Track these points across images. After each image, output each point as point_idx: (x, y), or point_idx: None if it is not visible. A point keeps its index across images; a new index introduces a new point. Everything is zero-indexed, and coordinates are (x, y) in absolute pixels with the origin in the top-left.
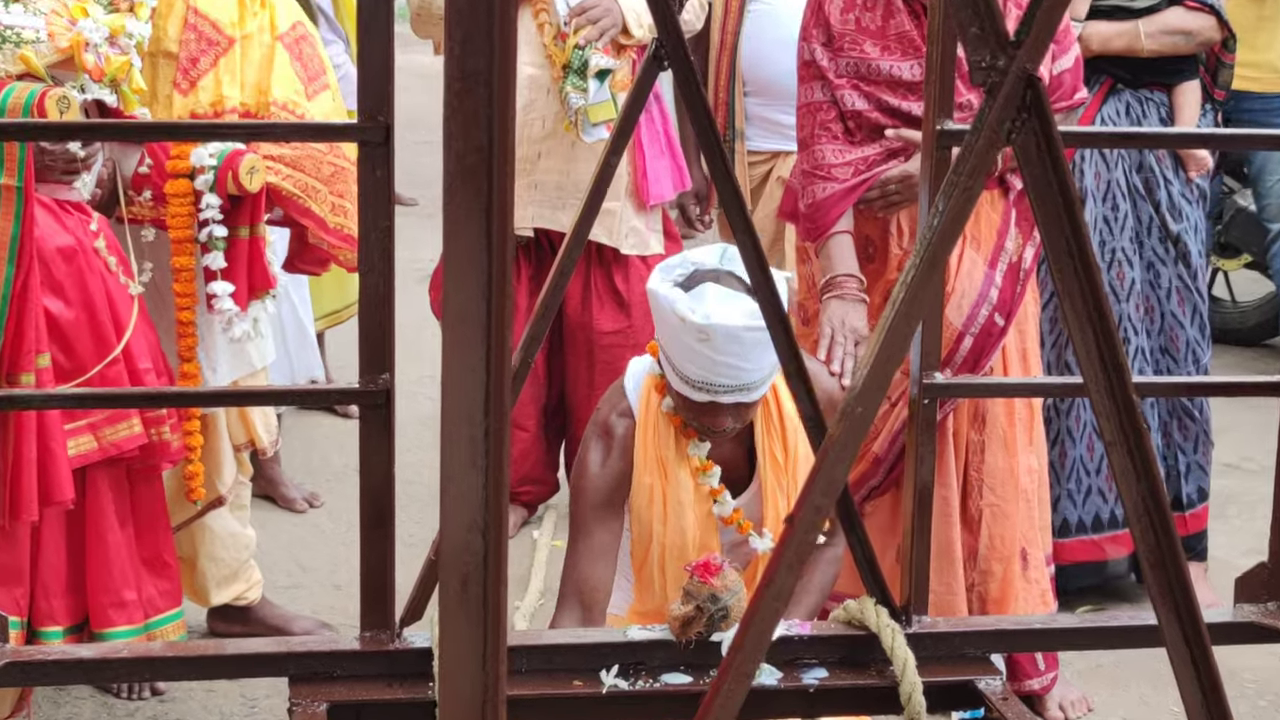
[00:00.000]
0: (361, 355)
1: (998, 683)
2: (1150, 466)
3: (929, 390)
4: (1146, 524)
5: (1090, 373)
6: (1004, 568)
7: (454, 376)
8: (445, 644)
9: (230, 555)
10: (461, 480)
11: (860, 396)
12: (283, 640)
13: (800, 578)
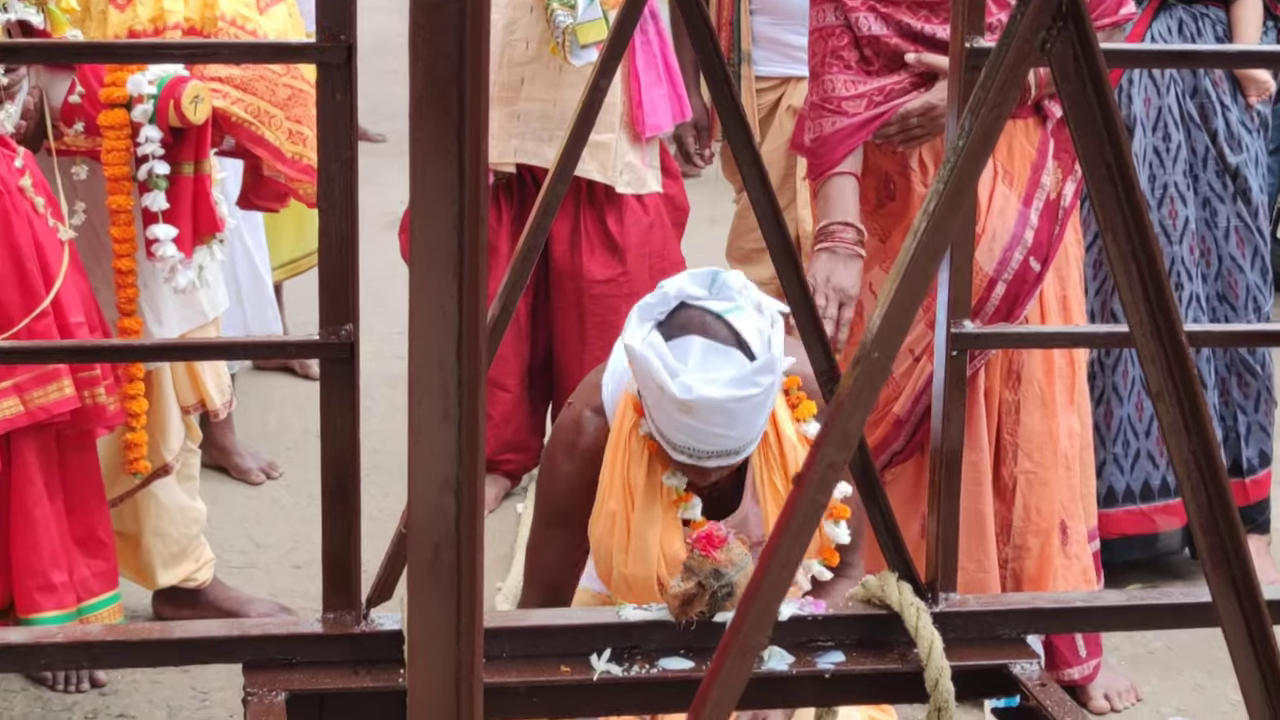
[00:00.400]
0: (322, 304)
1: (1035, 667)
2: (1202, 420)
3: (958, 340)
4: (1198, 485)
5: (1135, 314)
6: (1041, 542)
7: (423, 318)
8: (414, 616)
9: (178, 531)
10: (432, 434)
11: (878, 339)
12: (236, 623)
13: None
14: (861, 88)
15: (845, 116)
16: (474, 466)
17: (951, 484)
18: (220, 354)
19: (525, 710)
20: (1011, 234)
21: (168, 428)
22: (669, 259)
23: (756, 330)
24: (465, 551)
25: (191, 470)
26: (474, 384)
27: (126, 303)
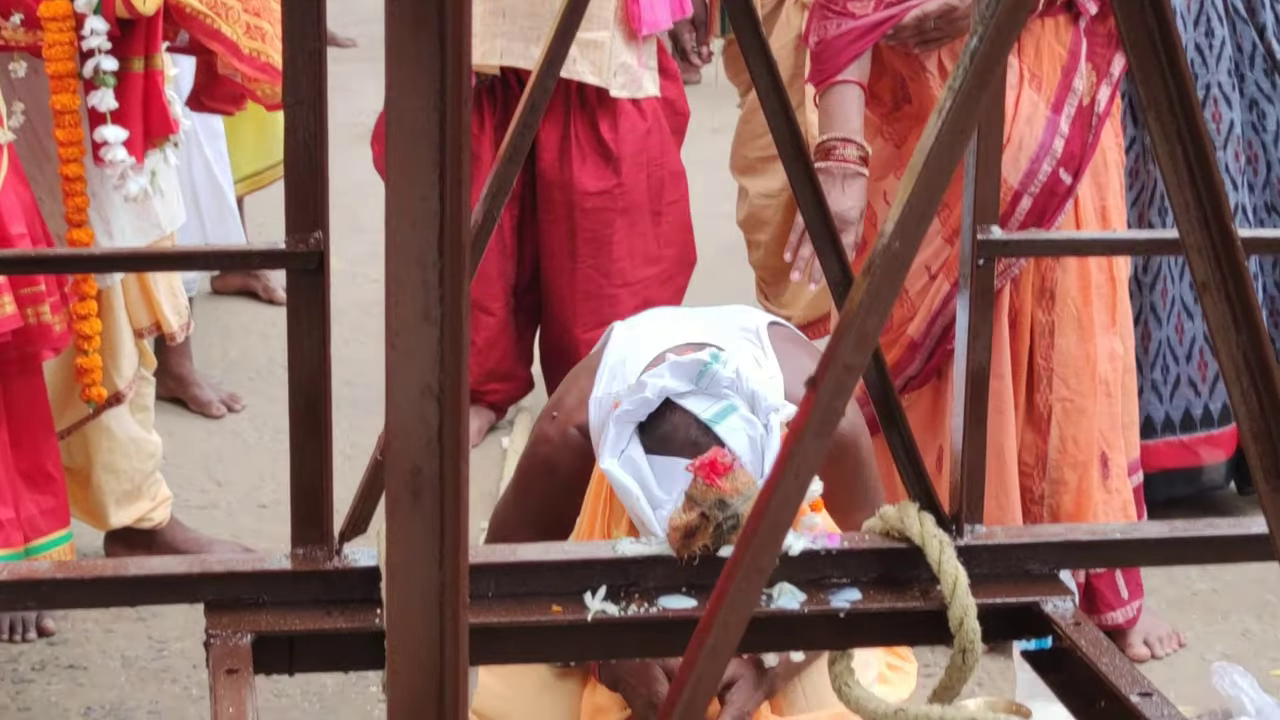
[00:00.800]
0: (288, 209)
1: (1068, 605)
2: (1252, 315)
3: (985, 248)
4: (1248, 388)
5: (1180, 199)
6: (1079, 476)
7: (401, 209)
8: (394, 540)
9: (132, 466)
10: (411, 335)
11: (898, 230)
12: (198, 559)
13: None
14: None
15: (851, 19)
16: (457, 371)
17: (978, 406)
18: (177, 264)
19: (513, 653)
20: (1039, 143)
21: (120, 352)
22: (667, 168)
23: (748, 441)
24: (448, 465)
25: (145, 401)
26: (457, 280)
27: (75, 212)
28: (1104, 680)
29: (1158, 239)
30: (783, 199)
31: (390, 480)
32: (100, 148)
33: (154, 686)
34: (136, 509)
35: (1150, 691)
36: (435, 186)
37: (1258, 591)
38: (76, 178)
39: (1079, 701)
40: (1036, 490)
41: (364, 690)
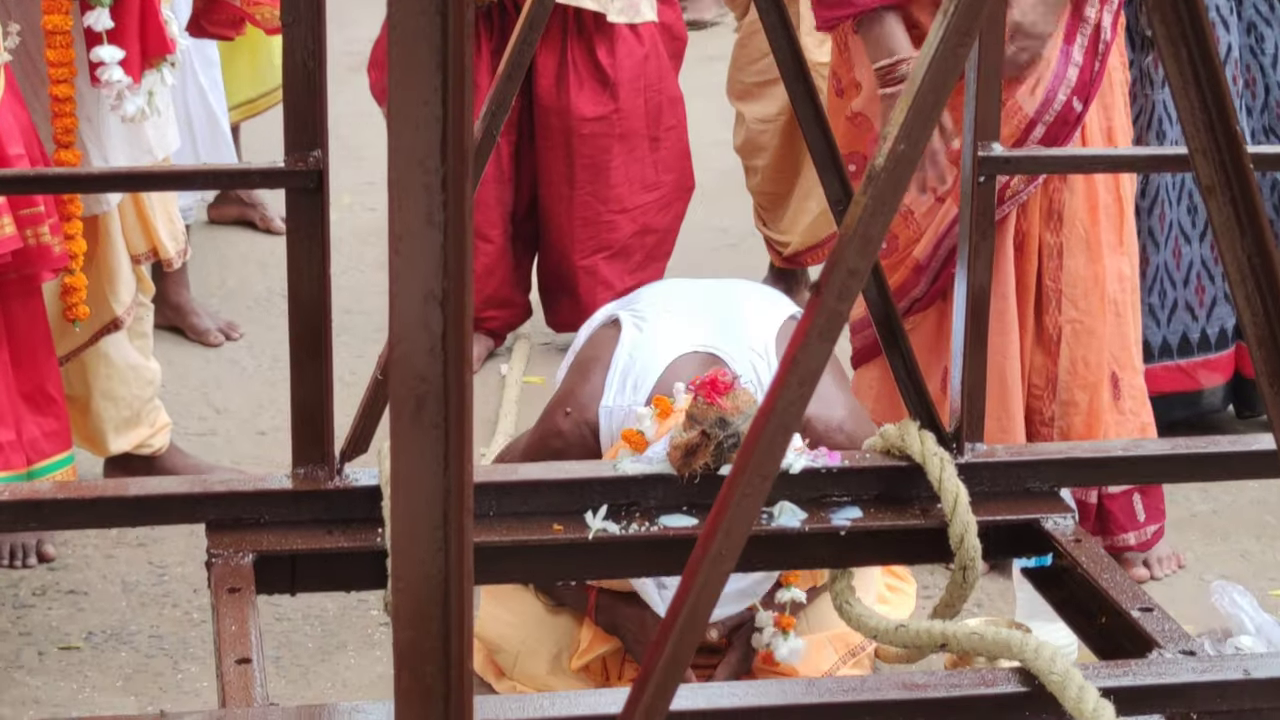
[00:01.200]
0: (287, 129)
1: (1069, 522)
2: (1257, 218)
3: (986, 165)
4: (1253, 292)
5: (1184, 101)
6: (1089, 397)
7: (404, 113)
8: (398, 452)
9: (131, 393)
10: (414, 241)
11: (904, 131)
12: (198, 480)
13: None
14: None
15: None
16: (461, 276)
17: (979, 326)
18: (175, 184)
19: (515, 572)
20: (1054, 73)
21: (117, 278)
22: (665, 94)
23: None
24: (452, 371)
25: (144, 327)
26: (460, 185)
27: (64, 133)
28: (1104, 596)
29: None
30: (779, 124)
31: (394, 388)
32: (96, 68)
33: (154, 611)
34: (135, 435)
35: (1151, 606)
36: (438, 91)
37: (1257, 513)
38: (66, 99)
39: (1079, 618)
40: (1047, 413)
41: (365, 614)
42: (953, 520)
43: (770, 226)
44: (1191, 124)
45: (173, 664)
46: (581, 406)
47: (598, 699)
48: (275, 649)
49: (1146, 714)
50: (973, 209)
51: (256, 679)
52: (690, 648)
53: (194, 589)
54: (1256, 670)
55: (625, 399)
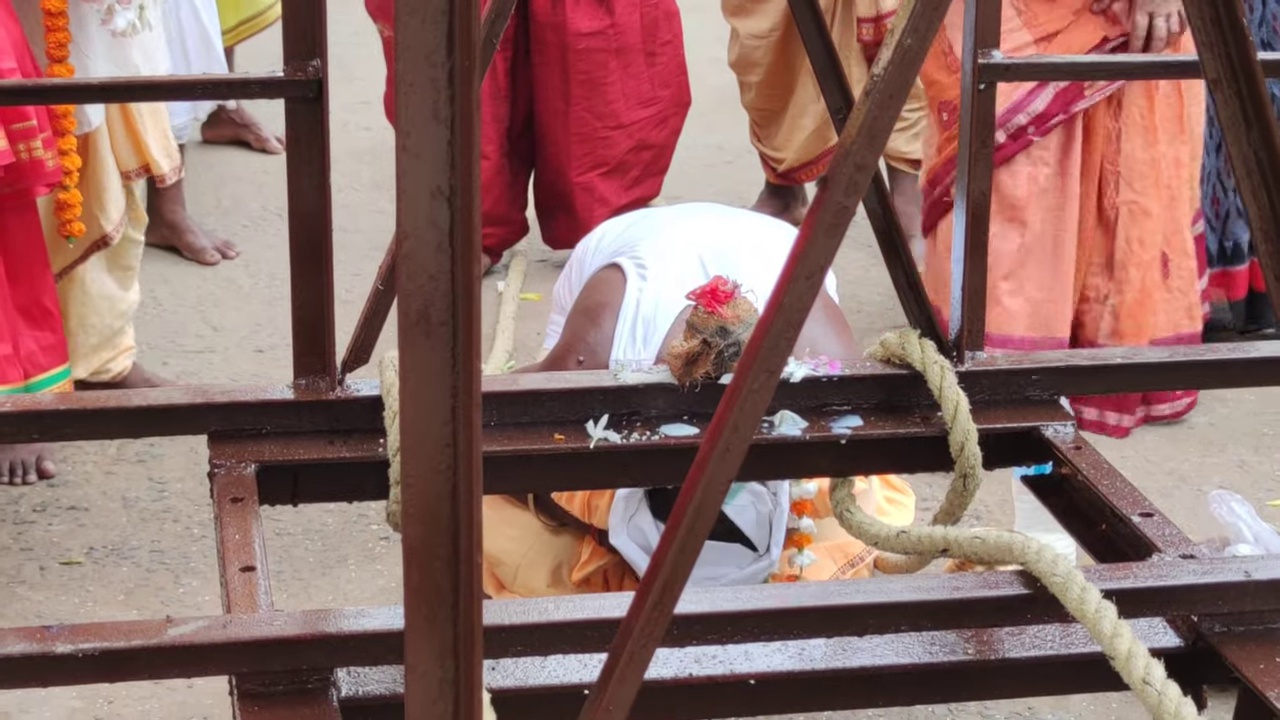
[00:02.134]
0: (286, 38)
1: (1069, 429)
2: (1264, 110)
3: (986, 73)
4: (1259, 186)
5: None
6: (1141, 275)
7: (411, 5)
8: (407, 348)
9: (103, 322)
10: (421, 136)
11: (910, 25)
12: (200, 390)
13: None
14: None
15: None
16: (468, 172)
17: (979, 233)
18: (172, 94)
19: (516, 482)
20: None
21: (106, 194)
22: (661, 8)
23: (755, 517)
24: (460, 269)
25: (129, 260)
26: (467, 80)
27: (57, 48)
28: (1105, 502)
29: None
30: (772, 40)
31: (401, 285)
32: None
33: (155, 526)
34: (96, 360)
35: (1151, 512)
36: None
37: (1254, 424)
38: (59, 12)
39: (1080, 525)
40: (1103, 289)
41: (365, 528)
42: (953, 428)
43: (765, 143)
44: (1198, 18)
45: (174, 578)
46: (593, 354)
47: (603, 602)
48: (276, 563)
49: (1147, 616)
50: (972, 116)
51: (261, 585)
52: (696, 548)
53: (194, 504)
54: (1257, 572)
55: (635, 352)
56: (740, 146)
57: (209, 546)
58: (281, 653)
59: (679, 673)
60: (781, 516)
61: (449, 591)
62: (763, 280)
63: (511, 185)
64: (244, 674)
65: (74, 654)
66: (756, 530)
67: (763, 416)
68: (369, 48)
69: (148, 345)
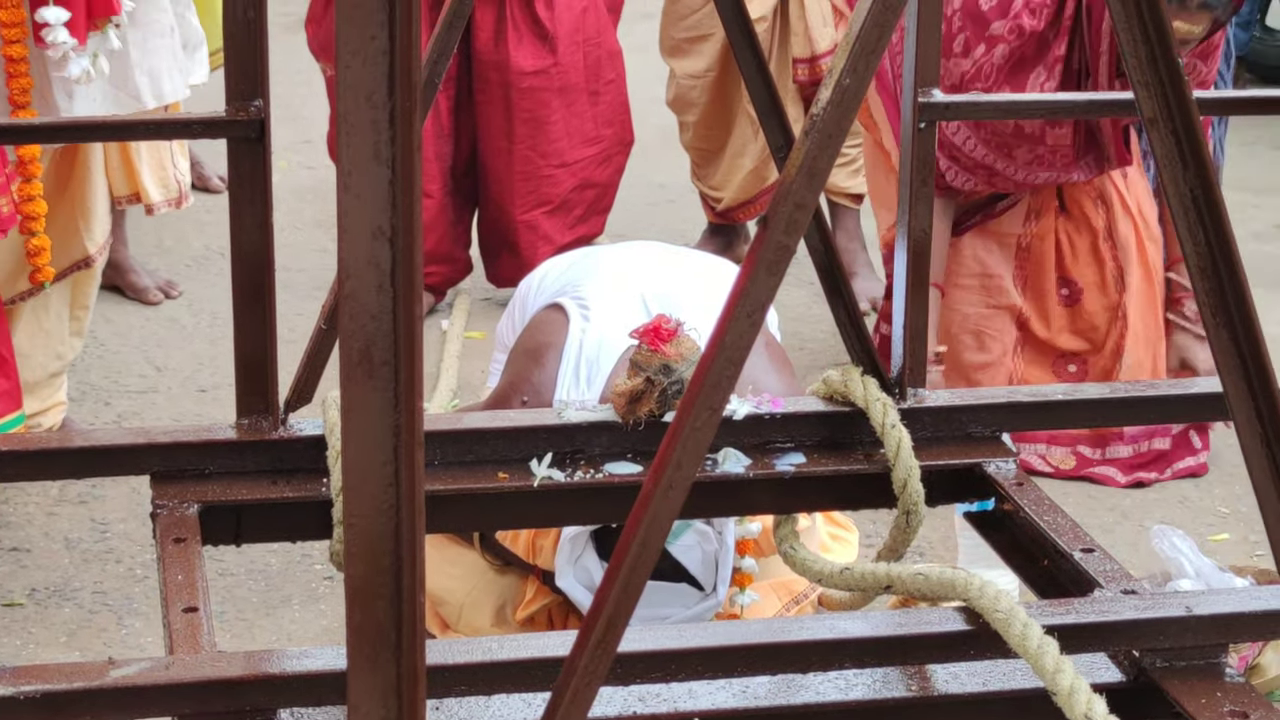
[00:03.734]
0: (229, 79)
1: (1010, 466)
2: (1199, 150)
3: (926, 111)
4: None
5: (1128, 35)
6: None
7: (351, 48)
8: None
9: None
10: (363, 177)
11: (849, 66)
12: (143, 431)
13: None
14: None
15: None
16: (410, 213)
17: (920, 270)
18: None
19: (460, 521)
20: None
21: (92, 215)
22: (604, 47)
23: (701, 556)
24: (402, 309)
25: (87, 300)
26: (408, 121)
27: (20, 94)
28: (1047, 538)
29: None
30: (709, 80)
31: (343, 325)
32: (41, 29)
33: (98, 567)
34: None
35: (1093, 548)
36: (385, 26)
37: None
38: (20, 59)
39: (1022, 560)
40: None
41: (309, 568)
42: (895, 465)
43: (704, 182)
44: (1135, 56)
45: (117, 619)
46: (537, 393)
47: (546, 641)
48: (219, 604)
49: (1090, 651)
50: (913, 155)
51: (204, 626)
52: (639, 585)
53: (136, 545)
54: (1198, 607)
55: (579, 392)
56: (683, 185)
57: (152, 587)
58: (224, 694)
59: (623, 711)
60: (727, 556)
61: (391, 631)
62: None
63: (455, 223)
64: (187, 715)
65: (14, 696)
66: (703, 570)
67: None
68: (312, 87)
69: (90, 386)
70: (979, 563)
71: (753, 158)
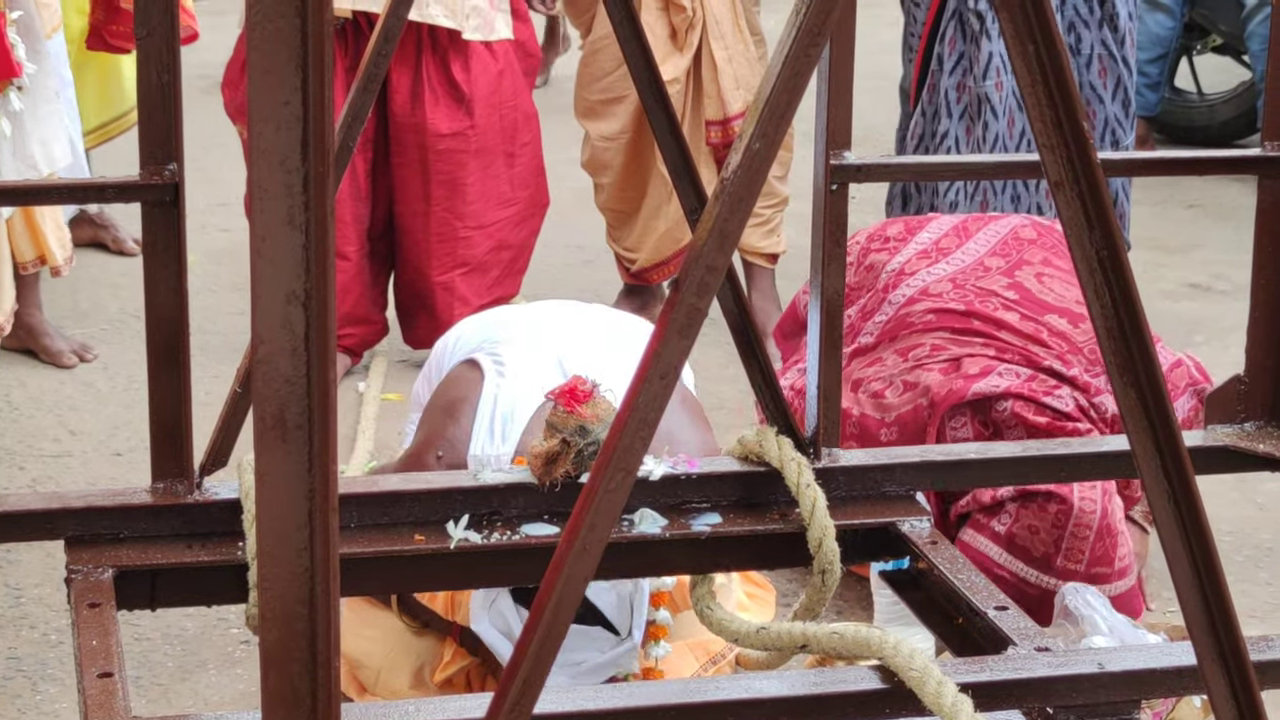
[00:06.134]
0: (142, 143)
1: (924, 524)
2: (1104, 213)
3: (837, 174)
4: (1101, 284)
5: (1033, 98)
6: None
7: (264, 113)
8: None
9: None
10: (276, 242)
11: (758, 131)
12: (56, 495)
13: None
14: None
15: None
16: (323, 276)
17: (833, 332)
18: (30, 199)
19: (377, 584)
20: None
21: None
22: (520, 110)
23: (616, 599)
24: (316, 373)
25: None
26: (321, 186)
27: None
28: (961, 596)
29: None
30: (623, 142)
31: (257, 388)
32: None
33: (11, 633)
34: None
35: (1006, 606)
36: (298, 91)
37: None
38: None
39: (937, 618)
40: None
41: (225, 632)
42: (811, 524)
43: (619, 243)
44: (1040, 121)
45: (31, 685)
46: (452, 449)
47: (463, 704)
48: (134, 669)
49: (1004, 709)
50: (825, 217)
51: (119, 692)
52: (554, 647)
53: (51, 610)
54: (1110, 664)
55: (493, 447)
56: (599, 246)
57: (66, 653)
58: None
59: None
60: (642, 598)
61: (306, 695)
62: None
63: (372, 285)
64: None
65: None
66: (617, 612)
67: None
68: (228, 149)
69: (4, 450)
70: (895, 621)
71: (667, 219)
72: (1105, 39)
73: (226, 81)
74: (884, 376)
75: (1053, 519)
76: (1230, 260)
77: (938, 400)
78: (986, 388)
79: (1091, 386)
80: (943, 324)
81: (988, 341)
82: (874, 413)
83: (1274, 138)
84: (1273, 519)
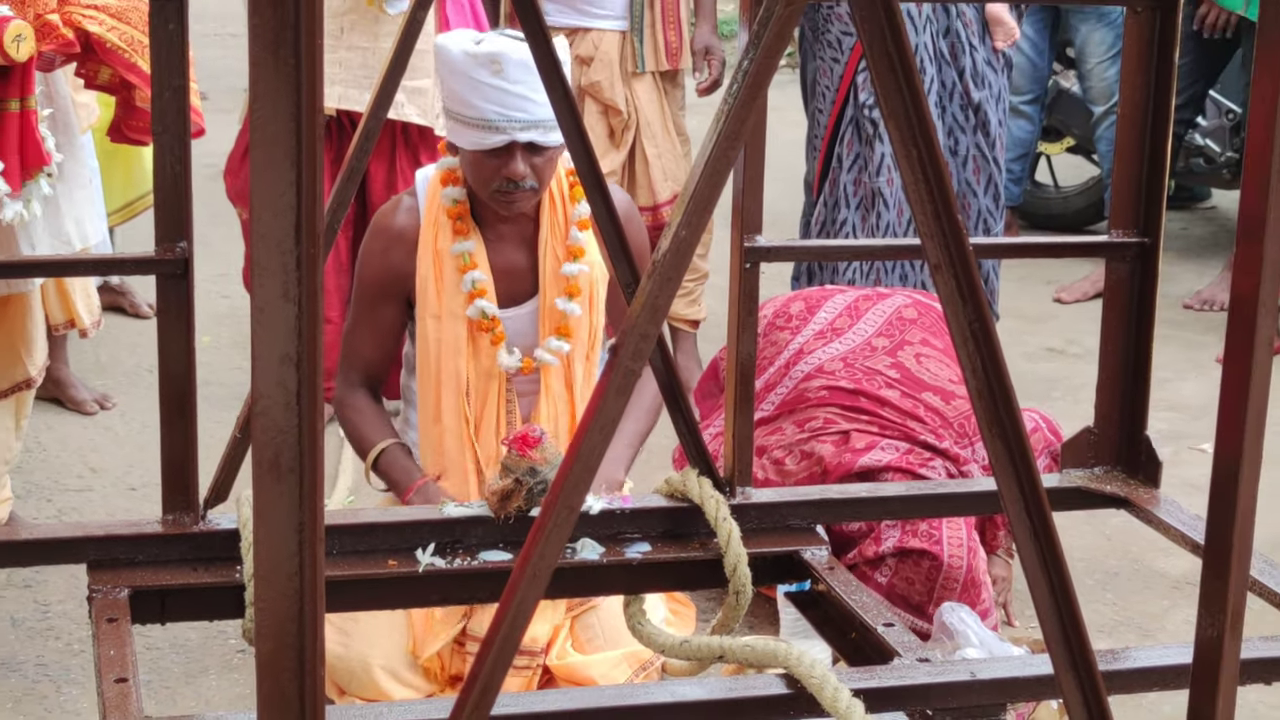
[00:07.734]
0: (158, 223)
1: (823, 553)
2: (975, 290)
3: (750, 255)
4: (973, 351)
5: (915, 193)
6: None
7: (264, 204)
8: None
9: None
10: (273, 312)
11: (685, 218)
12: (79, 525)
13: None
14: None
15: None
16: (313, 341)
17: (746, 389)
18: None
19: (356, 602)
20: None
21: (34, 344)
22: None
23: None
24: (306, 424)
25: (26, 409)
26: (312, 264)
27: None
28: (854, 615)
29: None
30: None
31: (256, 437)
32: None
33: (40, 643)
34: None
35: (893, 622)
36: (293, 185)
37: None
38: None
39: (834, 633)
40: None
41: (224, 642)
42: (727, 552)
43: None
44: (921, 213)
45: (56, 688)
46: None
47: (428, 706)
48: (145, 674)
49: (890, 711)
50: (740, 291)
51: (133, 695)
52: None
53: (74, 623)
54: (981, 673)
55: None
56: None
57: (87, 660)
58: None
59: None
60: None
61: (295, 699)
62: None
63: None
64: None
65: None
66: None
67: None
68: (228, 227)
69: (34, 485)
70: (798, 635)
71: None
72: (979, 142)
73: (228, 170)
74: (784, 444)
75: (925, 573)
76: (1082, 329)
77: (830, 469)
78: (871, 461)
79: (960, 457)
80: (834, 400)
81: (872, 419)
82: (776, 477)
83: (1119, 226)
84: (1118, 548)
